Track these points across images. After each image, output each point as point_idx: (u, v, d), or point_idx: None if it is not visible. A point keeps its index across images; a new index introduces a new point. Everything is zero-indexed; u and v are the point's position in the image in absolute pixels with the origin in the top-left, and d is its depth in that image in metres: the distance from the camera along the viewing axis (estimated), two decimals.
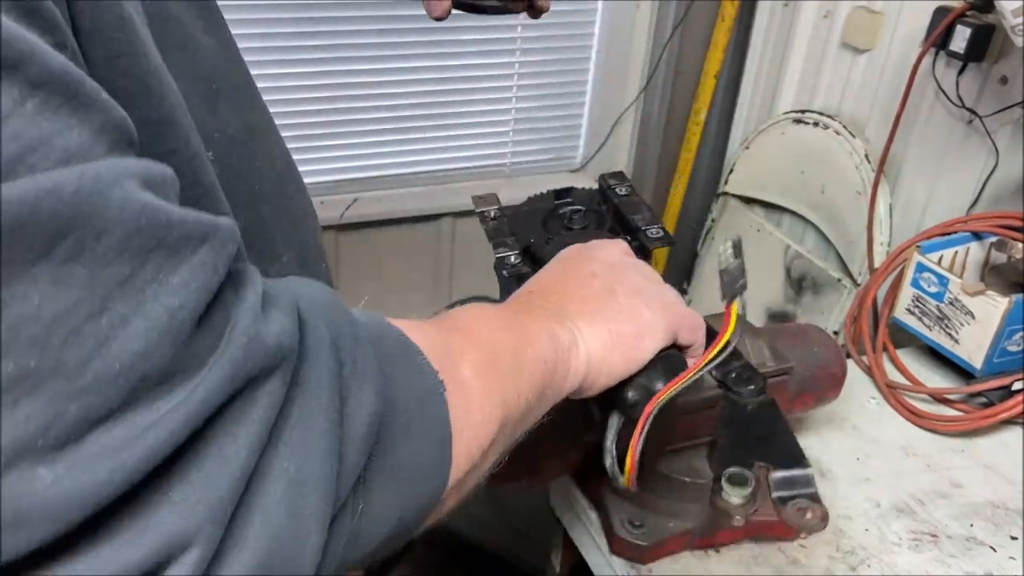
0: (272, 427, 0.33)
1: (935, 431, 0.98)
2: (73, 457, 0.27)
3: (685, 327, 0.62)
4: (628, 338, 0.58)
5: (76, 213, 0.27)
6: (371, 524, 0.39)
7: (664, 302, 0.61)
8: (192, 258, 0.30)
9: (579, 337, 0.56)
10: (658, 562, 0.77)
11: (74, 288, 0.27)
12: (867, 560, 0.80)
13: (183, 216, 0.30)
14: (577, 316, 0.57)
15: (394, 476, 0.39)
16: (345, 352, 0.37)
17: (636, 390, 0.60)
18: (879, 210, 1.57)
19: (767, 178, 1.92)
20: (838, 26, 1.73)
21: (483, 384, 0.46)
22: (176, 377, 0.30)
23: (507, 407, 0.48)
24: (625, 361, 0.58)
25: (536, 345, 0.52)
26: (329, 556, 0.36)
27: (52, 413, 0.27)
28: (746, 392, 0.74)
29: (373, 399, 0.38)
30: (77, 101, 0.28)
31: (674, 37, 2.01)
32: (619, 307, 0.59)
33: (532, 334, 0.53)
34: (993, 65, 1.40)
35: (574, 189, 0.86)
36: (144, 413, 0.29)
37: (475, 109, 1.99)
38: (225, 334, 0.31)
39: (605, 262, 0.63)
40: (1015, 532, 0.84)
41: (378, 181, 1.96)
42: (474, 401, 0.45)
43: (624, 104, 2.09)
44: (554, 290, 0.61)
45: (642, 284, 0.62)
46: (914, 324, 1.09)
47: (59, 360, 0.27)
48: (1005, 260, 1.05)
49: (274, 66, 1.76)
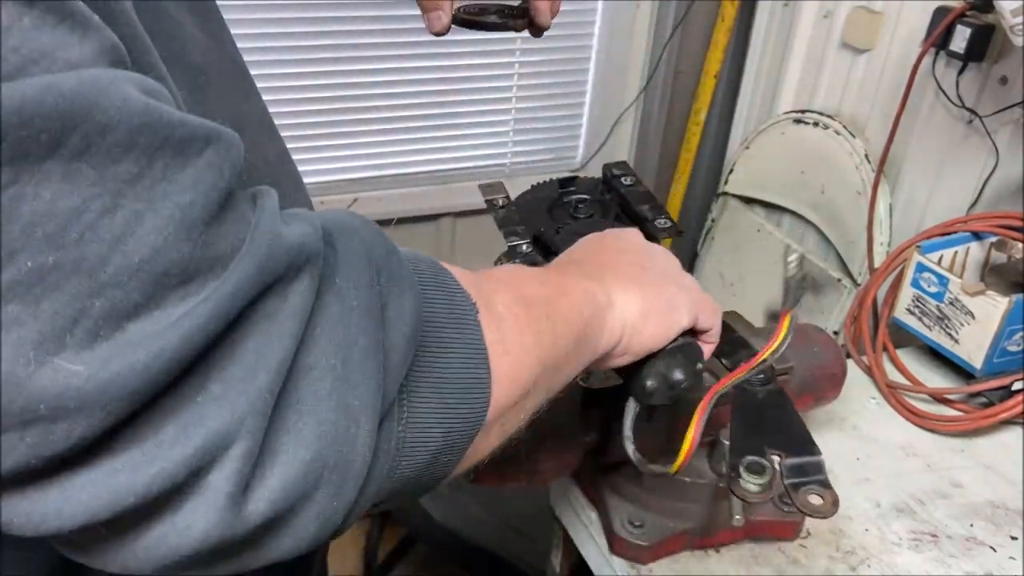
0: (311, 325, 0.34)
1: (935, 431, 0.98)
2: (106, 349, 0.28)
3: (706, 311, 0.63)
4: (661, 309, 0.59)
5: (78, 108, 0.27)
6: (418, 435, 0.39)
7: (688, 284, 0.63)
8: (198, 159, 0.31)
9: (615, 299, 0.56)
10: (658, 562, 0.77)
11: (85, 184, 0.27)
12: (867, 560, 0.80)
13: (184, 118, 0.31)
14: (612, 281, 0.57)
15: (437, 388, 0.40)
16: (381, 261, 0.38)
17: (655, 378, 0.61)
18: (879, 210, 1.57)
19: (767, 178, 1.91)
20: (838, 26, 1.72)
21: (515, 318, 0.46)
22: (200, 275, 0.30)
23: (542, 347, 0.48)
24: (656, 332, 0.59)
25: (572, 296, 0.53)
26: (380, 461, 0.37)
27: (77, 309, 0.27)
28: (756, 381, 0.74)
29: (412, 304, 0.38)
30: (74, 20, 0.28)
31: (674, 37, 2.01)
32: (651, 280, 0.60)
33: (568, 287, 0.53)
34: (993, 65, 1.40)
35: (578, 178, 0.86)
36: (172, 308, 0.29)
37: (475, 109, 1.99)
38: (247, 235, 0.32)
39: (632, 243, 0.65)
40: (1015, 532, 0.84)
41: (378, 181, 1.96)
42: (508, 331, 0.45)
43: (624, 104, 2.09)
44: (587, 260, 0.61)
45: (669, 265, 0.63)
46: (914, 324, 1.09)
47: (78, 256, 0.27)
48: (1005, 260, 1.05)
49: (275, 66, 1.76)
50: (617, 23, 1.99)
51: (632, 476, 0.78)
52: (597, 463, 0.80)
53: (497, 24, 0.75)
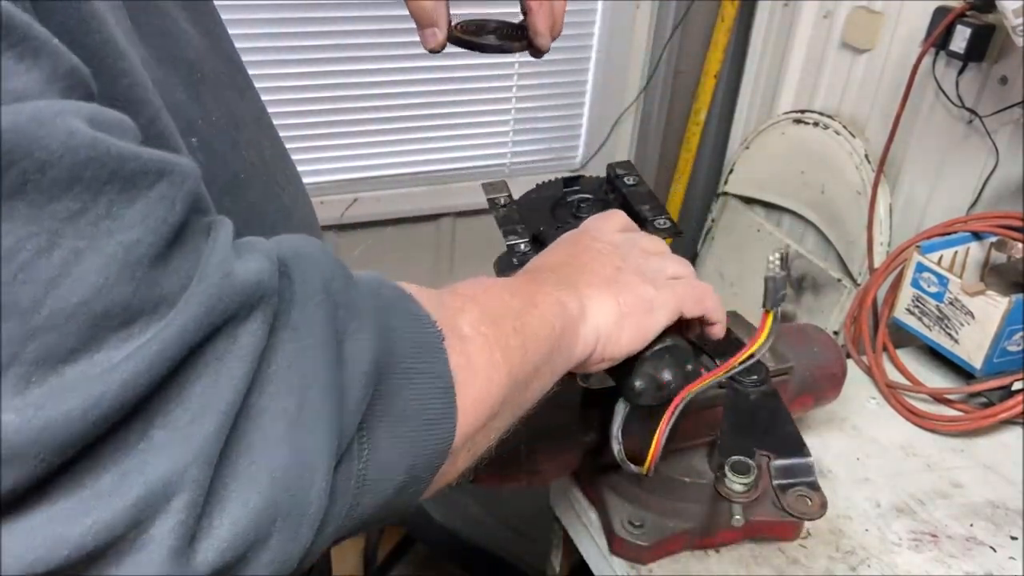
0: (264, 366, 0.32)
1: (935, 431, 0.98)
2: (39, 396, 0.27)
3: (689, 299, 0.61)
4: (637, 312, 0.57)
5: (16, 145, 0.26)
6: (380, 471, 0.38)
7: (668, 277, 0.61)
8: (148, 193, 0.29)
9: (588, 308, 0.55)
10: (658, 562, 0.77)
11: (20, 223, 0.26)
12: (867, 560, 0.80)
13: (137, 152, 0.29)
14: (585, 288, 0.56)
15: (400, 421, 0.39)
16: (339, 295, 0.37)
17: (643, 379, 0.61)
18: (879, 210, 1.57)
19: (767, 178, 1.91)
20: (838, 26, 1.72)
21: (483, 338, 0.45)
22: (143, 316, 0.29)
23: (512, 364, 0.47)
24: (633, 336, 0.58)
25: (542, 308, 0.51)
26: (339, 502, 0.35)
27: (9, 354, 0.26)
28: (749, 382, 0.74)
29: (372, 339, 0.37)
30: (25, 46, 0.27)
31: (674, 37, 2.01)
32: (626, 282, 0.58)
33: (538, 299, 0.52)
34: (993, 65, 1.40)
35: (583, 177, 0.86)
36: (113, 351, 0.28)
37: (475, 109, 1.99)
38: (196, 272, 0.31)
39: (607, 241, 0.62)
40: (1015, 532, 0.84)
41: (378, 181, 1.96)
42: (475, 353, 0.44)
43: (624, 104, 2.09)
44: (560, 265, 0.60)
45: (646, 260, 0.61)
46: (914, 324, 1.08)
47: (10, 299, 0.26)
48: (1005, 260, 1.05)
49: (274, 66, 1.76)
50: (617, 23, 1.99)
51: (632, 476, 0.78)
52: (597, 463, 0.80)
53: (494, 47, 0.72)
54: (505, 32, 0.73)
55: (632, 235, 0.65)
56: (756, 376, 0.75)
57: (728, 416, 0.73)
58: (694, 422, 0.77)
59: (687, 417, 0.75)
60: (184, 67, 0.51)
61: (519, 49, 0.73)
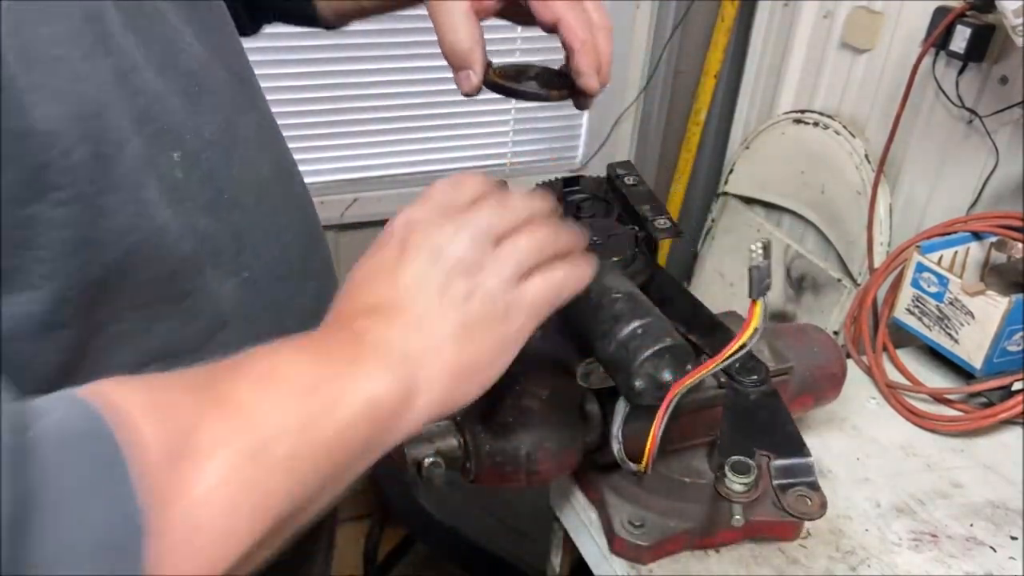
0: None
1: (935, 431, 0.98)
2: None
3: (550, 294, 0.52)
4: (483, 355, 0.48)
5: None
6: None
7: (527, 268, 0.50)
8: None
9: (415, 384, 0.46)
10: (658, 562, 0.77)
11: None
12: (867, 560, 0.80)
13: None
14: (412, 351, 0.46)
15: None
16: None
17: (643, 379, 0.61)
18: (879, 210, 1.57)
19: (767, 178, 1.91)
20: (838, 26, 1.72)
21: (233, 488, 0.38)
22: None
23: (275, 502, 0.39)
24: (482, 383, 0.49)
25: (347, 410, 0.43)
26: None
27: None
28: (748, 382, 0.74)
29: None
30: None
31: (674, 37, 2.01)
32: (462, 319, 0.48)
33: (345, 395, 0.43)
34: (993, 65, 1.40)
35: (583, 177, 0.86)
36: None
37: (475, 109, 1.99)
38: None
39: (430, 249, 0.49)
40: (1015, 532, 0.84)
41: (378, 181, 1.96)
42: (208, 519, 0.37)
43: (624, 104, 2.09)
44: (373, 307, 0.48)
45: (476, 256, 0.49)
46: (914, 324, 1.09)
47: None
48: (1005, 260, 1.05)
49: (275, 66, 1.76)
50: (617, 23, 1.98)
51: (632, 476, 0.78)
52: (597, 463, 0.80)
53: (532, 94, 0.67)
54: (547, 78, 0.67)
55: (463, 218, 0.51)
56: (756, 376, 0.75)
57: (728, 416, 0.73)
58: (694, 422, 0.77)
59: (687, 417, 0.76)
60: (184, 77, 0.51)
61: (560, 98, 0.67)
